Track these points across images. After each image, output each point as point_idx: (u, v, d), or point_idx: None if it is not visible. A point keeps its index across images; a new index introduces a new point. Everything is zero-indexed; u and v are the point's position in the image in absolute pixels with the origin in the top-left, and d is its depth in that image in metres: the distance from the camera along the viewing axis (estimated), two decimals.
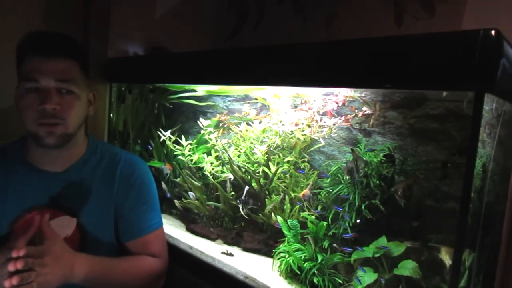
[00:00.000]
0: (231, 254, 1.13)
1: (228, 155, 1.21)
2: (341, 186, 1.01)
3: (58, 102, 0.86)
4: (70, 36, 0.94)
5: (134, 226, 0.99)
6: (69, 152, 0.95)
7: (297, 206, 1.08)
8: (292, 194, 1.12)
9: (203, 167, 1.30)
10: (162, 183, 1.39)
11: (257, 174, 1.18)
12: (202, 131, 1.35)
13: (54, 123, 0.86)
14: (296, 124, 1.13)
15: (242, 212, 1.15)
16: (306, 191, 1.05)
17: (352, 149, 0.98)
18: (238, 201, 1.17)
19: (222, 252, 1.13)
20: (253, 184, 1.18)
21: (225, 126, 1.34)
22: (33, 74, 0.85)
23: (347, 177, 0.98)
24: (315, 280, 0.95)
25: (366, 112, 1.04)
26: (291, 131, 1.14)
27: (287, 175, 1.15)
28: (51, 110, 0.85)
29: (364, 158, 0.97)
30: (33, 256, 0.76)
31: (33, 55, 0.86)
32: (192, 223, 1.33)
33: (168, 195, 1.40)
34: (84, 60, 0.94)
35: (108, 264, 0.92)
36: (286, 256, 1.01)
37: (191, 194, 1.30)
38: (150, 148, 1.47)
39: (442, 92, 0.93)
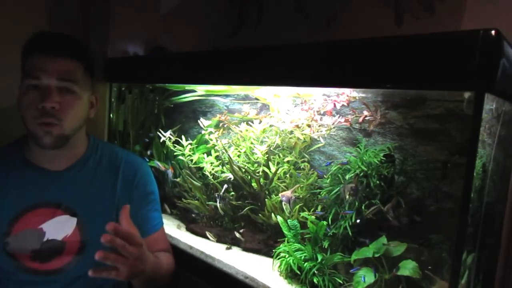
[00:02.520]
0: (230, 248, 1.17)
1: (228, 155, 1.21)
2: (338, 187, 1.01)
3: (58, 101, 0.86)
4: (76, 38, 0.94)
5: (141, 226, 0.99)
6: (68, 152, 0.95)
7: (297, 206, 1.08)
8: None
9: (203, 167, 1.30)
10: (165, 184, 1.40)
11: (257, 174, 1.18)
12: (202, 131, 1.35)
13: (50, 122, 0.86)
14: (296, 124, 1.13)
15: (218, 206, 1.20)
16: (287, 192, 1.05)
17: (357, 174, 0.97)
18: (216, 195, 1.21)
19: (226, 248, 1.17)
20: (253, 184, 1.18)
21: (225, 126, 1.34)
22: (36, 71, 0.86)
23: (349, 197, 0.97)
24: (315, 280, 0.95)
25: (367, 118, 1.04)
26: (291, 131, 1.14)
27: (287, 175, 1.15)
28: (50, 109, 0.85)
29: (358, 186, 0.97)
30: (128, 241, 0.74)
31: (38, 53, 0.87)
32: (192, 223, 1.33)
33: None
34: (89, 63, 0.95)
35: (157, 260, 0.92)
36: (286, 256, 1.01)
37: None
38: (147, 140, 1.47)
39: (442, 92, 0.93)
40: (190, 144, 1.34)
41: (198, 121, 1.35)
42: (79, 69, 0.91)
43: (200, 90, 1.37)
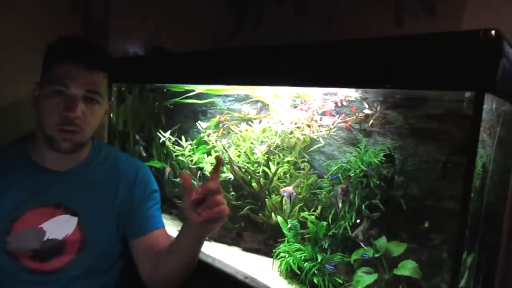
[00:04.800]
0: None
1: (228, 155, 1.21)
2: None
3: (82, 111, 0.87)
4: (104, 48, 0.96)
5: (143, 223, 0.99)
6: (77, 154, 0.96)
7: (297, 206, 1.08)
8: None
9: (203, 167, 1.30)
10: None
11: (257, 174, 1.18)
12: (201, 133, 1.35)
13: (73, 130, 0.87)
14: (296, 124, 1.13)
15: None
16: (288, 188, 1.05)
17: (348, 175, 0.99)
18: None
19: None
20: (253, 184, 1.18)
21: (225, 126, 1.34)
22: (65, 80, 0.86)
23: (341, 201, 0.97)
24: (315, 280, 0.95)
25: (366, 112, 1.04)
26: (291, 131, 1.14)
27: (287, 175, 1.15)
28: (73, 118, 0.86)
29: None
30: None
31: (70, 61, 0.87)
32: None
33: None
34: (111, 73, 0.96)
35: None
36: (286, 256, 1.01)
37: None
38: (144, 143, 1.47)
39: (442, 92, 0.93)
40: (190, 144, 1.34)
41: (198, 121, 1.35)
42: (105, 81, 0.93)
43: (200, 90, 1.37)
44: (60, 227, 0.92)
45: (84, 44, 0.93)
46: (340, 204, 0.96)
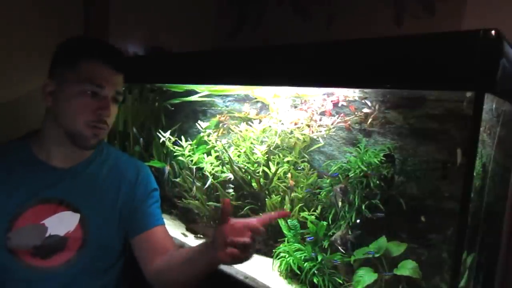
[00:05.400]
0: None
1: (228, 155, 1.21)
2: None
3: (111, 110, 0.93)
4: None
5: (144, 219, 1.00)
6: (82, 151, 0.98)
7: (297, 207, 1.08)
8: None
9: (203, 167, 1.30)
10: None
11: (257, 174, 1.18)
12: (201, 133, 1.35)
13: (102, 127, 0.93)
14: (296, 124, 1.13)
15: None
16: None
17: (347, 175, 0.99)
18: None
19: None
20: (253, 184, 1.18)
21: (225, 126, 1.34)
22: (100, 80, 0.91)
23: (340, 200, 0.97)
24: (315, 280, 0.95)
25: (364, 111, 1.04)
26: (291, 131, 1.14)
27: (287, 175, 1.15)
28: (106, 117, 0.92)
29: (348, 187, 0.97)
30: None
31: (102, 62, 0.92)
32: (192, 223, 1.33)
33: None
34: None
35: None
36: (286, 256, 1.01)
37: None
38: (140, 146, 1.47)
39: (442, 92, 0.93)
40: (190, 144, 1.34)
41: (198, 121, 1.35)
42: (123, 82, 0.98)
43: (201, 90, 1.37)
44: (62, 223, 0.92)
45: (109, 46, 0.98)
46: (339, 203, 0.96)
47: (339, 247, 0.94)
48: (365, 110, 1.05)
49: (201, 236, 1.27)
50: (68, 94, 0.90)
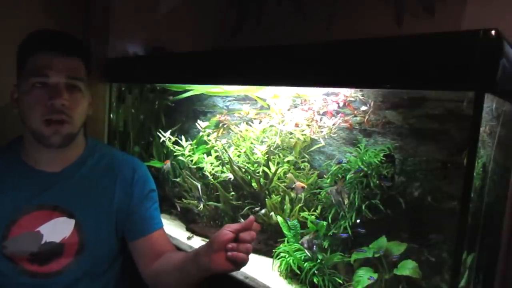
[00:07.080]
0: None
1: (228, 155, 1.21)
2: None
3: (67, 99, 0.86)
4: (75, 36, 0.95)
5: (143, 224, 0.99)
6: (67, 153, 0.95)
7: (297, 207, 1.08)
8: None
9: (203, 167, 1.30)
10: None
11: (257, 174, 1.18)
12: (201, 132, 1.35)
13: (61, 119, 0.86)
14: (296, 124, 1.13)
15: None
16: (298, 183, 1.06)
17: (343, 176, 0.99)
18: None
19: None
20: (253, 184, 1.18)
21: (225, 126, 1.34)
22: (43, 69, 0.85)
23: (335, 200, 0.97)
24: (315, 280, 0.95)
25: (362, 109, 1.04)
26: (291, 132, 1.14)
27: (287, 175, 1.15)
28: (60, 106, 0.85)
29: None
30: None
31: (44, 51, 0.87)
32: (192, 223, 1.33)
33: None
34: (88, 60, 0.95)
35: None
36: (286, 256, 1.01)
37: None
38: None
39: (442, 92, 0.93)
40: (190, 144, 1.34)
41: (198, 121, 1.35)
42: (83, 67, 0.92)
43: (201, 90, 1.37)
44: (57, 230, 0.90)
45: (53, 32, 0.92)
46: (341, 200, 0.95)
47: (306, 251, 0.95)
48: (362, 107, 1.05)
49: (201, 236, 1.27)
50: (22, 94, 0.87)
